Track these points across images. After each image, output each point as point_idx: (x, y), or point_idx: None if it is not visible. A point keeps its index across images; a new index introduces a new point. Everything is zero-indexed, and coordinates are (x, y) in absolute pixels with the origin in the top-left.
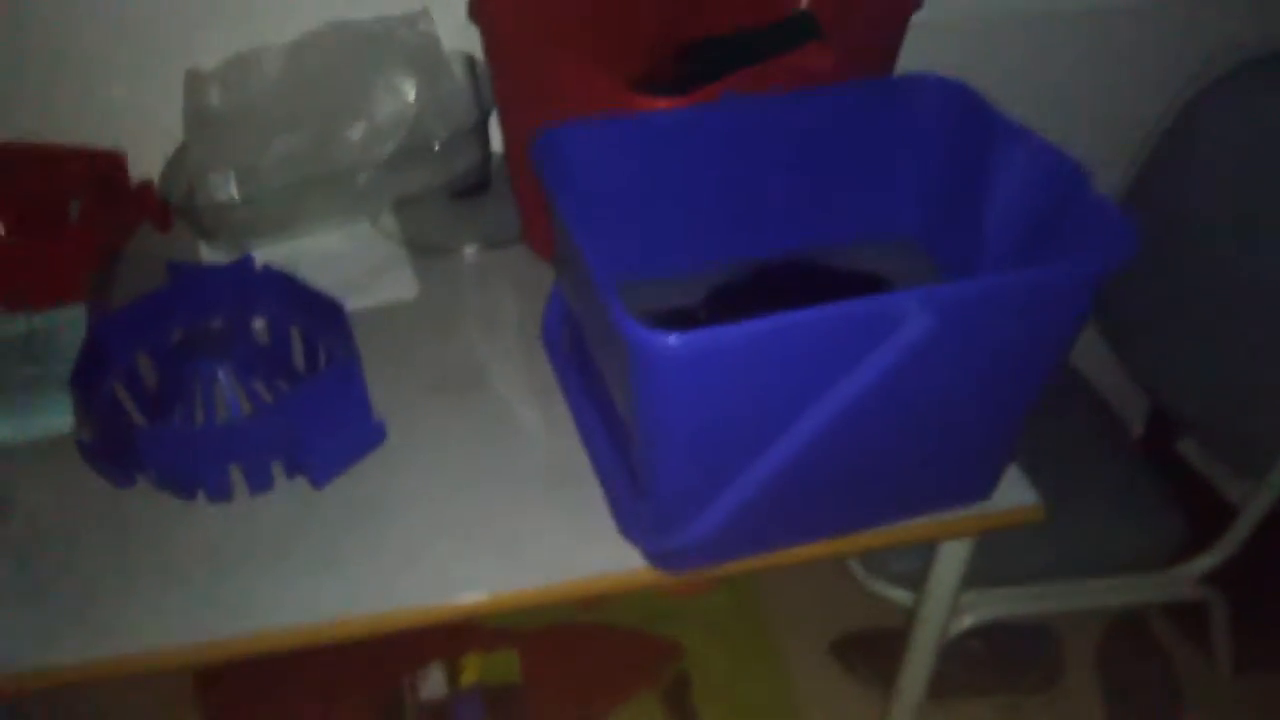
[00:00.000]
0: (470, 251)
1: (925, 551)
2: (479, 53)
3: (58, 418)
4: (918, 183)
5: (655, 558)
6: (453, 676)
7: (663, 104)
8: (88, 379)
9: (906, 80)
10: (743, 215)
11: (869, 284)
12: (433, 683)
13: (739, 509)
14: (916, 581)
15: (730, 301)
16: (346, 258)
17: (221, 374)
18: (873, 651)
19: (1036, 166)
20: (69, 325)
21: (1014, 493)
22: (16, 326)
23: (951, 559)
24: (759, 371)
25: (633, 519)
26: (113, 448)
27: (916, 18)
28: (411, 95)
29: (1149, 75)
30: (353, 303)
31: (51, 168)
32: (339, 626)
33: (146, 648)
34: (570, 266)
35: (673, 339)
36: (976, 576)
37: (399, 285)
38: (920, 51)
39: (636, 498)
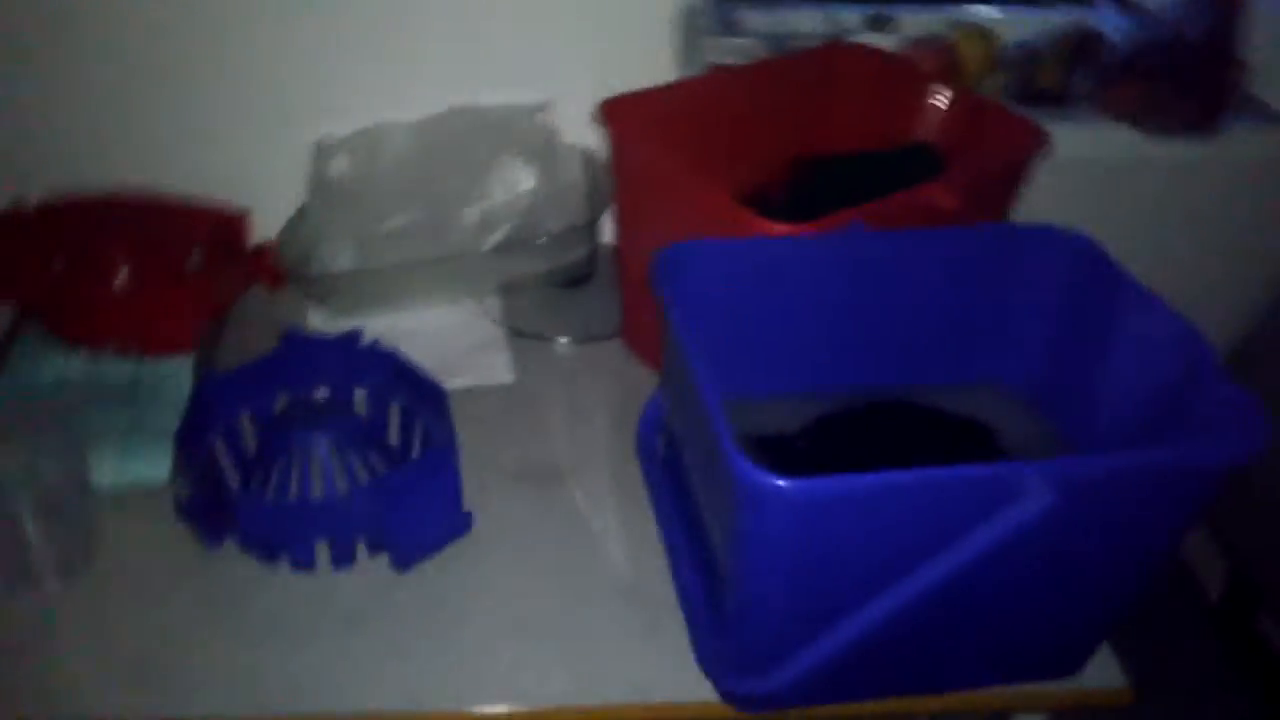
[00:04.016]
0: (568, 342)
1: None
2: (597, 148)
3: (155, 468)
4: (1033, 334)
5: (730, 696)
6: None
7: (785, 230)
8: (190, 435)
9: (1028, 230)
10: (853, 345)
11: (976, 433)
12: None
13: (826, 660)
14: None
15: (832, 434)
16: (448, 336)
17: (320, 446)
18: None
19: (1160, 336)
20: (175, 376)
21: (1102, 671)
22: (124, 372)
23: None
24: (866, 524)
25: (713, 655)
26: (206, 507)
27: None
28: (528, 185)
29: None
30: (449, 381)
31: (176, 219)
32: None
33: (202, 713)
34: (677, 381)
35: (783, 483)
36: None
37: (496, 369)
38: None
39: (720, 634)
